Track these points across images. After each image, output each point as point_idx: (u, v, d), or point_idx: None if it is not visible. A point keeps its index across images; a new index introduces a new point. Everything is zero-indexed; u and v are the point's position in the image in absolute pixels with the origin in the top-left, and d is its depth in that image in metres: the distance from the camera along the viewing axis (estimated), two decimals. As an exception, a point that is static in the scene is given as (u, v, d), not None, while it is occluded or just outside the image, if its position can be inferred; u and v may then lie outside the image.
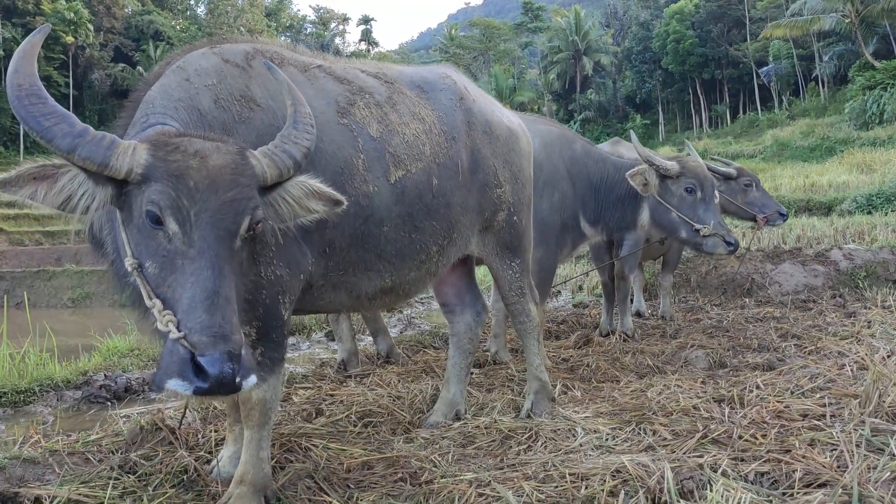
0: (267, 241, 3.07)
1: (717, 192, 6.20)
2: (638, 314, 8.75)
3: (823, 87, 57.60)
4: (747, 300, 9.37)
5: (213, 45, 3.36)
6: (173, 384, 2.25)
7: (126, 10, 72.88)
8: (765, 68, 63.36)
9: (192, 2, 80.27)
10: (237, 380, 2.27)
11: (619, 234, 6.59)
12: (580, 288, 11.70)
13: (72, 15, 61.76)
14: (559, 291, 11.72)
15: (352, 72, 3.74)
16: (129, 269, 2.49)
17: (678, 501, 2.75)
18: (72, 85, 64.02)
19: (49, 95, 2.42)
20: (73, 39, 61.91)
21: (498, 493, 3.22)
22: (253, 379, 2.36)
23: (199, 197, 2.43)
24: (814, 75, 58.85)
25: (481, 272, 6.36)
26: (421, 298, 11.34)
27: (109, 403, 5.85)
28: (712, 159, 9.16)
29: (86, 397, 6.00)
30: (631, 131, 7.10)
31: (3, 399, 5.77)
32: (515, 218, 4.43)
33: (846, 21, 48.09)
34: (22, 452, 4.03)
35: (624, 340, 6.98)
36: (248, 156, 2.64)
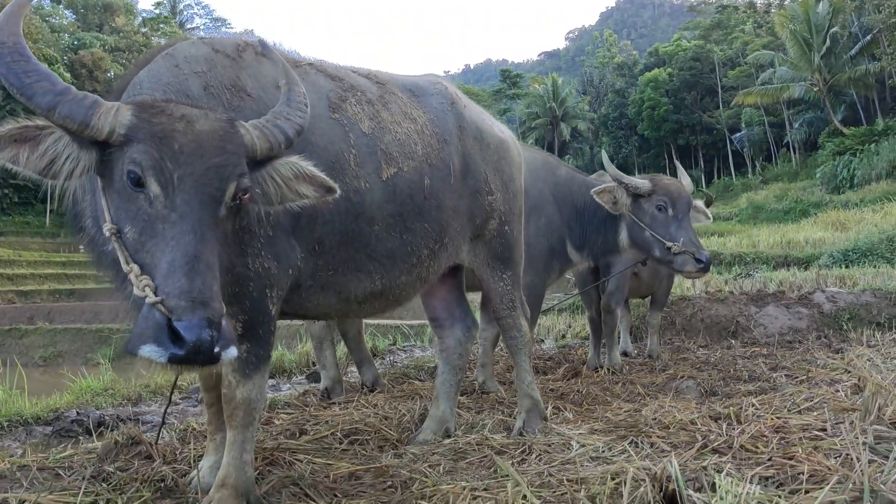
0: (255, 232, 2.98)
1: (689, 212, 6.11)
2: (624, 354, 8.64)
3: (795, 152, 59.11)
4: (733, 341, 9.31)
5: (202, 38, 3.34)
6: (147, 350, 2.12)
7: (108, 74, 73.64)
8: (737, 134, 65.09)
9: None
10: (216, 349, 2.15)
11: (604, 258, 6.56)
12: (563, 336, 11.60)
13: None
14: (542, 339, 11.61)
15: (343, 71, 3.73)
16: (108, 234, 2.38)
17: (686, 490, 2.62)
18: (52, 146, 63.86)
19: (33, 55, 2.35)
20: (55, 101, 62.10)
21: (495, 497, 3.07)
22: (233, 351, 2.24)
23: (184, 160, 2.35)
24: (785, 141, 60.46)
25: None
26: (403, 346, 11.18)
27: (81, 438, 5.60)
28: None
29: (56, 431, 5.74)
30: (602, 151, 7.18)
31: (-30, 433, 5.52)
32: (507, 228, 4.38)
33: (815, 90, 49.83)
34: (-11, 465, 3.82)
35: (612, 374, 6.87)
36: (237, 125, 2.58)
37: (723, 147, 69.23)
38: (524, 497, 3.00)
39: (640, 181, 6.05)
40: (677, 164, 6.52)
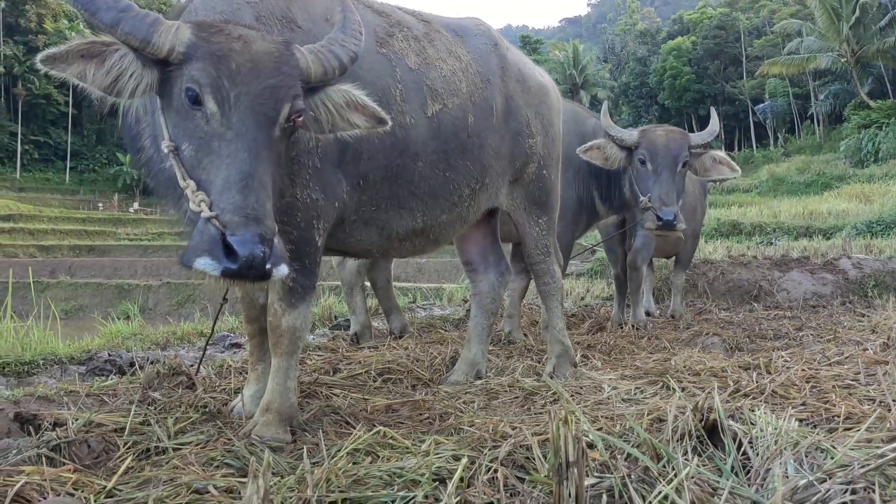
0: (304, 163, 3.02)
1: (678, 165, 5.84)
2: (647, 313, 8.66)
3: (819, 125, 58.30)
4: (756, 305, 9.31)
5: None
6: (202, 263, 2.19)
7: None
8: (761, 105, 64.18)
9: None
10: (267, 266, 2.21)
11: (627, 211, 6.50)
12: (582, 298, 11.63)
13: (73, 34, 62.09)
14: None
15: (389, 7, 3.73)
16: (166, 151, 2.45)
17: (727, 420, 2.66)
18: (71, 104, 64.19)
19: None
20: (75, 58, 62.12)
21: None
22: (284, 269, 2.30)
23: (241, 79, 2.40)
24: (809, 113, 59.62)
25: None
26: (423, 305, 11.26)
27: (115, 377, 5.73)
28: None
29: (90, 370, 5.86)
30: (605, 103, 7.03)
31: (7, 369, 5.64)
32: (545, 172, 4.39)
33: (842, 61, 48.88)
34: (36, 390, 3.93)
35: (636, 330, 6.90)
36: (293, 48, 2.61)
37: (745, 118, 68.36)
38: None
39: (627, 133, 5.93)
40: (712, 109, 6.37)
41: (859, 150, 41.90)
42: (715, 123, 6.26)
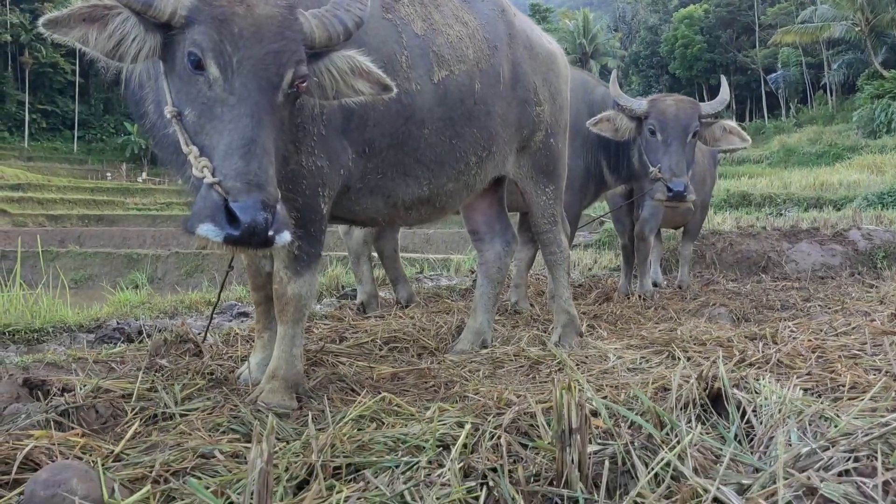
0: (309, 130, 3.01)
1: (688, 135, 5.80)
2: (654, 284, 8.64)
3: (831, 95, 57.60)
4: (764, 276, 9.28)
5: None
6: (204, 229, 2.20)
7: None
8: (773, 75, 63.40)
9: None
10: (270, 232, 2.22)
11: (635, 182, 6.45)
12: (590, 269, 11.61)
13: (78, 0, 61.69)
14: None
15: None
16: (169, 116, 2.44)
17: (732, 388, 2.66)
18: (78, 72, 64.02)
19: None
20: (81, 26, 61.80)
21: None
22: (286, 236, 2.30)
23: (243, 44, 2.38)
24: (822, 83, 58.86)
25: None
26: (430, 275, 11.27)
27: (123, 345, 5.78)
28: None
29: (99, 338, 5.91)
30: (614, 71, 6.95)
31: (17, 336, 5.69)
32: (552, 140, 4.35)
33: (856, 29, 48.18)
34: (45, 357, 3.97)
35: (643, 300, 6.89)
36: (296, 13, 2.58)
37: (756, 88, 67.57)
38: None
39: (636, 102, 5.86)
40: (722, 78, 6.29)
41: (872, 120, 41.39)
42: (725, 92, 6.18)
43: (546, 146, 4.33)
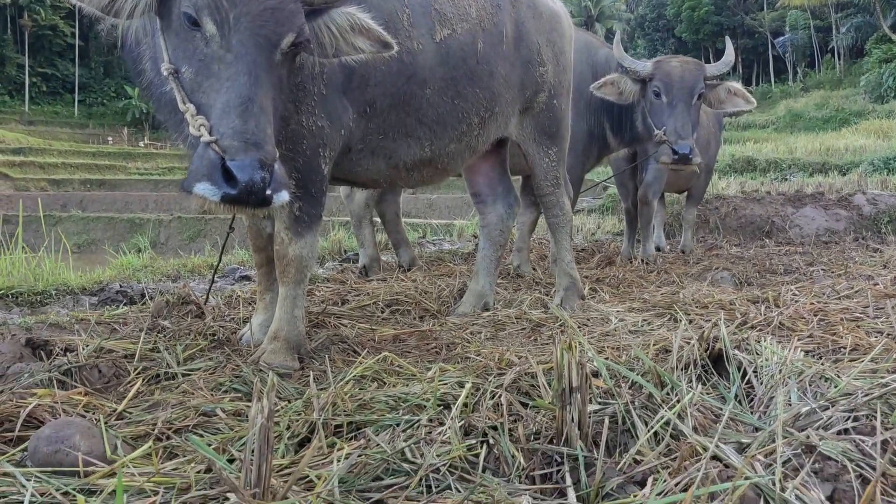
0: (309, 90, 2.97)
1: (693, 97, 5.74)
2: (657, 249, 8.62)
3: (839, 59, 56.88)
4: (767, 241, 9.25)
5: None
6: (201, 188, 2.18)
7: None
8: (780, 38, 62.58)
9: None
10: (268, 191, 2.20)
11: (638, 145, 6.39)
12: (593, 234, 11.59)
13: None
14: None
15: None
16: (165, 73, 2.40)
17: (733, 350, 2.66)
18: (77, 35, 63.39)
19: None
20: (80, -12, 61.05)
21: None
22: (284, 195, 2.28)
23: (240, 0, 2.33)
24: (830, 47, 58.09)
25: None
26: (433, 240, 11.26)
27: (125, 307, 5.79)
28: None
29: (101, 301, 5.92)
30: (618, 32, 6.87)
31: (20, 299, 5.70)
32: (556, 102, 4.30)
33: (866, -9, 47.35)
34: (48, 318, 3.98)
35: (646, 264, 6.88)
36: None
37: (763, 52, 66.75)
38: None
39: (640, 64, 5.78)
40: (727, 39, 6.19)
41: (880, 84, 40.95)
42: (730, 53, 6.09)
43: (549, 108, 4.28)
